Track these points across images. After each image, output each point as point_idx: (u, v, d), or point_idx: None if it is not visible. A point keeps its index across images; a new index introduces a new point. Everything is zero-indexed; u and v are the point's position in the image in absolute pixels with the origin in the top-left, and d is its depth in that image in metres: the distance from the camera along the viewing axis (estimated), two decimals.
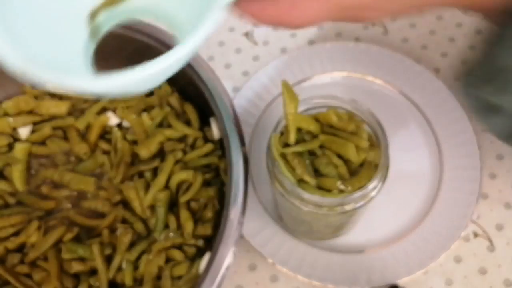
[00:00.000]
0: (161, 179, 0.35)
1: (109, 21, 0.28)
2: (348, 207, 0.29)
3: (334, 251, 0.39)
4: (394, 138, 0.30)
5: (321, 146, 0.30)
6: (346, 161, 0.30)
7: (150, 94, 0.40)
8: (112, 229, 0.36)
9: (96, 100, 0.40)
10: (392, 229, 0.40)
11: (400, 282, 0.37)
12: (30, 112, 0.40)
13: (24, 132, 0.39)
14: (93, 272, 0.35)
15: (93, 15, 0.27)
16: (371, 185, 0.28)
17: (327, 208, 0.28)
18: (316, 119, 0.31)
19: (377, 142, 0.30)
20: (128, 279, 0.33)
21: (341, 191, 0.28)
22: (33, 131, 0.40)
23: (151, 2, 0.28)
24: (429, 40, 0.50)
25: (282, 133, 0.31)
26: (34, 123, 0.40)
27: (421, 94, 0.45)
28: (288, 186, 0.29)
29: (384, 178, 0.29)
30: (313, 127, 0.30)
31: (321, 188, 0.29)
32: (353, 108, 0.31)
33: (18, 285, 0.34)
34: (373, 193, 0.29)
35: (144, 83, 0.24)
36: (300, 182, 0.29)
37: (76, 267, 0.34)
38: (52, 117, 0.40)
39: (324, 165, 0.29)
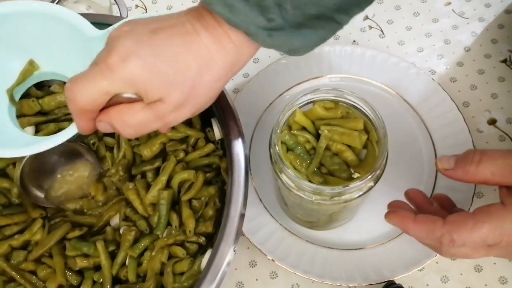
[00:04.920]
0: (162, 178, 0.36)
1: (22, 89, 0.37)
2: (347, 197, 0.30)
3: (332, 248, 0.40)
4: (389, 139, 0.30)
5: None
6: (350, 147, 0.31)
7: None
8: (115, 228, 0.37)
9: None
10: (389, 227, 0.40)
11: (396, 279, 0.38)
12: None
13: (28, 131, 0.40)
14: (97, 268, 0.35)
15: (9, 91, 0.36)
16: (376, 167, 0.29)
17: (329, 197, 0.30)
18: (306, 116, 0.32)
19: (372, 123, 0.32)
20: (131, 275, 0.34)
21: (352, 179, 0.30)
22: (37, 131, 0.40)
23: (52, 68, 0.37)
24: (425, 42, 0.51)
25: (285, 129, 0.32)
26: (38, 124, 0.40)
27: (417, 95, 0.46)
28: (296, 182, 0.30)
29: (385, 155, 0.30)
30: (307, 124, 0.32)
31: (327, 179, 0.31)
32: (337, 96, 0.32)
33: (23, 282, 0.35)
34: (371, 184, 0.30)
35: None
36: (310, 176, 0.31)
37: (80, 263, 0.35)
38: (55, 119, 0.41)
39: (329, 159, 0.31)
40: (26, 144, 0.31)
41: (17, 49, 0.36)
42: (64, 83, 0.37)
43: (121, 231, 0.36)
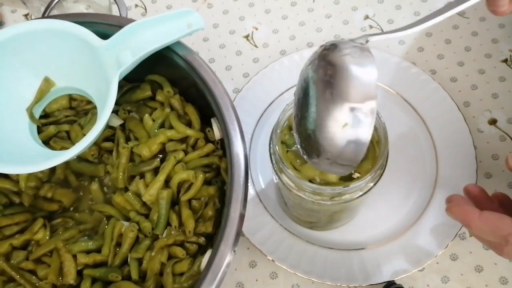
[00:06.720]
0: (160, 178, 0.36)
1: (41, 106, 0.39)
2: (347, 197, 0.30)
3: (332, 248, 0.40)
4: (390, 139, 0.30)
5: None
6: None
7: (153, 97, 0.41)
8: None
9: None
10: (389, 227, 0.40)
11: (397, 279, 0.38)
12: None
13: None
14: (97, 267, 0.35)
15: (29, 110, 0.38)
16: (376, 169, 0.29)
17: (330, 197, 0.30)
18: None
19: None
20: (134, 274, 0.34)
21: (352, 179, 0.30)
22: (37, 132, 0.40)
23: (66, 83, 0.39)
24: (425, 42, 0.51)
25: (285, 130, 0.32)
26: (38, 126, 0.40)
27: (417, 95, 0.46)
28: (296, 182, 0.30)
29: (386, 156, 0.30)
30: None
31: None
32: None
33: (22, 282, 0.35)
34: (371, 184, 0.30)
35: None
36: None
37: (82, 260, 0.35)
38: (55, 121, 0.41)
39: None
40: (47, 158, 0.32)
41: (32, 67, 0.37)
42: (79, 96, 0.40)
43: (122, 230, 0.36)
